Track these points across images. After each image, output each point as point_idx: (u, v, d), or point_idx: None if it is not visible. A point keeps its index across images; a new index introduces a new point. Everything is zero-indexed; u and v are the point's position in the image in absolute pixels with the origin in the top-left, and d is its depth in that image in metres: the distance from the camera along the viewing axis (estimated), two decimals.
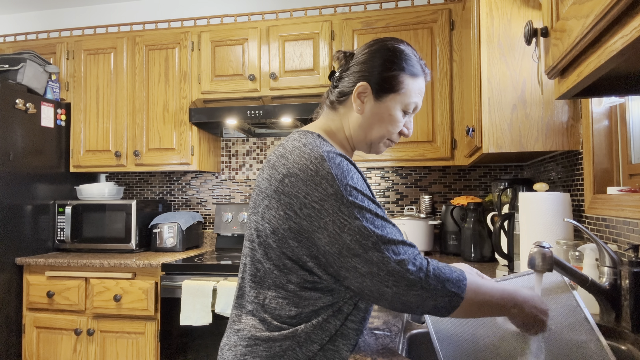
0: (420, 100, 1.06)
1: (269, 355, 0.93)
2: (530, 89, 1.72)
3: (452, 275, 0.86)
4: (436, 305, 0.86)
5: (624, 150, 1.48)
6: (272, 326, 0.94)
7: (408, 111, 1.04)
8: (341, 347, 0.95)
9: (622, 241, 1.34)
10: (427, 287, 0.84)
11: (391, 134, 1.05)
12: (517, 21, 1.74)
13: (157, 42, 2.90)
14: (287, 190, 0.91)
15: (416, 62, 1.05)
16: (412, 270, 0.84)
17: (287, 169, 0.92)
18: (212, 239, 3.17)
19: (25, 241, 2.68)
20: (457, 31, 2.53)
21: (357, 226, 0.86)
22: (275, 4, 3.14)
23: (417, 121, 2.56)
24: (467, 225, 2.40)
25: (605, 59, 0.67)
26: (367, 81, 1.02)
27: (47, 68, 2.88)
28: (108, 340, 2.50)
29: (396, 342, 1.06)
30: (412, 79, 1.03)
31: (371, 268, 0.85)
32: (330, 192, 0.88)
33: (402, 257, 0.85)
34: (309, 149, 0.93)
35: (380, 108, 1.02)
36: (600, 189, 1.52)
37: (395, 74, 1.02)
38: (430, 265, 0.86)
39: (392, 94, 1.02)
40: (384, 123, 1.03)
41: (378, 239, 0.85)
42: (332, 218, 0.87)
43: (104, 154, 2.96)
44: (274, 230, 0.93)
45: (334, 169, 0.89)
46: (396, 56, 1.03)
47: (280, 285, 0.94)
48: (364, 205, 0.88)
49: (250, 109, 2.64)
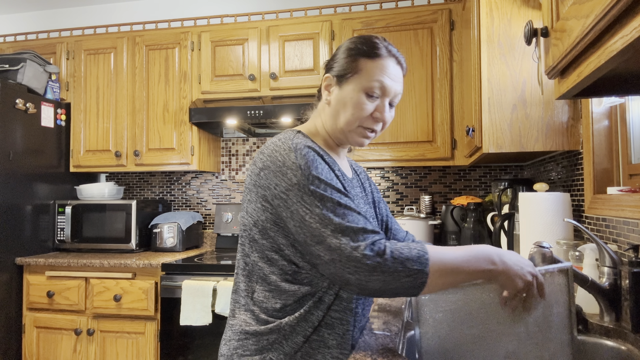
0: (390, 83, 1.02)
1: (258, 349, 0.97)
2: (530, 89, 1.72)
3: (411, 254, 0.86)
4: (402, 285, 0.86)
5: (624, 150, 1.48)
6: (260, 320, 0.98)
7: (372, 93, 1.01)
8: (326, 336, 0.96)
9: (622, 241, 1.34)
10: (386, 270, 0.85)
11: (360, 119, 1.02)
12: (517, 21, 1.74)
13: (157, 42, 2.90)
14: (262, 182, 0.97)
15: (378, 45, 1.03)
16: (369, 255, 0.85)
17: (262, 162, 0.98)
18: (212, 239, 3.17)
19: (25, 241, 2.68)
20: (457, 31, 2.53)
21: (318, 214, 0.89)
22: (275, 4, 3.14)
23: (417, 121, 2.56)
24: (467, 225, 2.40)
25: (606, 59, 0.67)
26: (330, 72, 1.07)
27: (47, 68, 2.88)
28: (108, 340, 2.50)
29: (396, 342, 1.06)
30: (371, 60, 1.01)
31: (332, 255, 0.87)
32: (294, 181, 0.92)
33: (359, 244, 0.86)
34: (281, 142, 0.98)
35: (343, 93, 1.03)
36: (600, 189, 1.52)
37: (352, 58, 1.03)
38: (388, 248, 0.86)
39: (350, 78, 1.02)
40: (347, 107, 1.02)
41: (336, 226, 0.87)
42: (296, 207, 0.91)
43: (104, 154, 2.96)
44: (255, 222, 0.99)
45: (298, 160, 0.93)
46: (353, 42, 1.04)
47: (264, 277, 0.99)
48: (326, 194, 0.90)
49: (251, 109, 2.65)
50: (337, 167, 1.02)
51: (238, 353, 0.99)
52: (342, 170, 1.07)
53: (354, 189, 1.10)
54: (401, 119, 2.58)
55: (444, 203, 2.88)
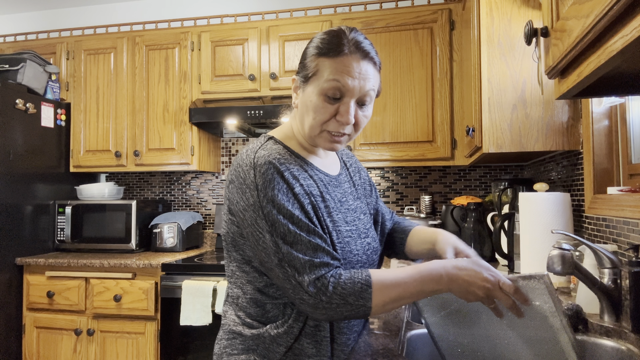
0: (351, 81, 0.91)
1: (244, 349, 0.98)
2: (531, 89, 1.72)
3: (354, 288, 0.86)
4: (347, 316, 0.87)
5: (624, 150, 1.48)
6: (246, 322, 0.99)
7: (330, 94, 0.92)
8: (305, 345, 0.96)
9: (622, 241, 1.34)
10: (329, 307, 0.86)
11: (320, 122, 0.94)
12: (517, 21, 1.74)
13: (157, 42, 2.90)
14: (229, 195, 0.96)
15: (340, 42, 0.92)
16: (312, 292, 0.85)
17: (230, 175, 0.97)
18: (212, 239, 3.17)
19: (25, 241, 2.68)
20: (457, 31, 2.52)
21: (269, 240, 0.89)
22: (275, 4, 3.14)
23: (417, 121, 2.56)
24: (467, 225, 2.39)
25: (606, 59, 0.67)
26: (297, 74, 1.00)
27: (47, 68, 2.88)
28: (108, 340, 2.50)
29: (396, 342, 1.06)
30: (329, 59, 0.92)
31: (282, 283, 0.89)
32: (250, 202, 0.91)
33: (304, 279, 0.86)
34: (245, 155, 0.95)
35: (304, 97, 0.97)
36: (601, 189, 1.52)
37: (312, 58, 0.95)
38: (331, 285, 0.85)
39: (311, 79, 0.95)
40: (309, 111, 0.95)
41: (284, 256, 0.87)
42: (251, 229, 0.91)
43: (104, 154, 2.96)
44: (227, 233, 1.00)
45: (257, 178, 0.90)
46: (315, 42, 0.96)
47: (242, 286, 1.00)
48: (278, 218, 0.88)
49: (250, 109, 2.65)
50: (306, 177, 0.96)
51: (227, 352, 1.00)
52: (323, 172, 1.03)
53: (340, 187, 1.06)
54: (401, 119, 2.58)
55: (444, 203, 2.87)
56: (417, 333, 1.21)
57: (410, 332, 1.20)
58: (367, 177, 1.22)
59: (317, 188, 0.98)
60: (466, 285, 0.86)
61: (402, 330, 1.17)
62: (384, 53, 2.60)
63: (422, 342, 1.21)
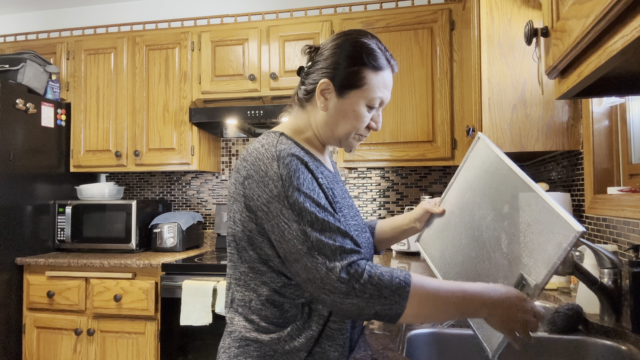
0: (387, 94, 1.02)
1: (260, 355, 0.94)
2: (531, 89, 1.72)
3: (392, 282, 0.83)
4: (377, 312, 0.83)
5: (624, 150, 1.48)
6: (260, 327, 0.95)
7: (373, 106, 1.01)
8: (327, 348, 0.94)
9: (623, 241, 1.34)
10: (362, 296, 0.82)
11: (358, 129, 1.02)
12: (517, 21, 1.74)
13: (157, 42, 2.90)
14: (247, 192, 0.93)
15: (380, 55, 1.00)
16: (344, 279, 0.82)
17: (247, 171, 0.94)
18: (212, 239, 3.17)
19: (25, 241, 2.68)
20: (457, 31, 2.52)
21: (295, 230, 0.86)
22: (276, 4, 3.14)
23: (417, 121, 2.56)
24: None
25: (606, 59, 0.67)
26: (330, 78, 1.00)
27: (47, 68, 2.88)
28: (108, 340, 2.50)
29: (396, 342, 1.06)
30: (375, 74, 0.99)
31: (309, 275, 0.85)
32: (275, 193, 0.88)
33: (335, 264, 0.83)
34: (264, 149, 0.94)
35: (344, 105, 0.99)
36: (601, 189, 1.52)
37: (357, 69, 0.98)
38: (366, 273, 0.83)
39: (354, 90, 0.98)
40: (348, 119, 1.00)
41: (313, 244, 0.85)
42: (277, 221, 0.88)
43: (104, 154, 2.96)
44: (242, 232, 0.95)
45: (281, 169, 0.89)
46: (358, 51, 0.99)
47: (256, 288, 0.96)
48: (305, 207, 0.87)
49: (251, 109, 2.65)
50: (322, 170, 1.00)
51: None
52: (328, 169, 1.06)
53: (338, 184, 1.08)
54: (401, 119, 2.58)
55: None
56: (417, 333, 1.21)
57: (410, 332, 1.20)
58: None
59: (328, 183, 0.99)
60: (508, 320, 0.85)
61: (402, 330, 1.17)
62: None
63: (422, 342, 1.21)
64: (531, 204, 0.89)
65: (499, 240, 0.95)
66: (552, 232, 0.83)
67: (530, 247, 0.87)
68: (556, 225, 0.83)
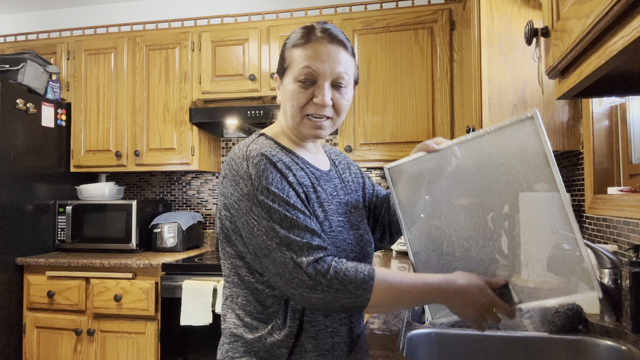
0: (320, 64, 0.96)
1: (246, 351, 0.98)
2: (531, 89, 1.72)
3: (357, 277, 0.87)
4: (343, 305, 0.87)
5: (625, 150, 1.48)
6: (246, 322, 0.99)
7: (303, 80, 0.97)
8: (303, 340, 0.97)
9: (623, 241, 1.34)
10: (328, 291, 0.86)
11: (301, 109, 0.98)
12: (517, 21, 1.74)
13: (158, 42, 2.90)
14: (224, 191, 0.98)
15: (302, 33, 0.99)
16: (311, 274, 0.86)
17: (224, 170, 0.99)
18: (213, 239, 3.17)
19: (25, 241, 2.68)
20: (457, 31, 2.53)
21: (264, 226, 0.89)
22: (276, 4, 3.14)
23: (417, 121, 2.56)
24: None
25: (606, 59, 0.67)
26: (277, 72, 1.07)
27: (47, 68, 2.88)
28: (108, 340, 2.51)
29: (396, 342, 1.06)
30: (296, 49, 0.99)
31: (277, 269, 0.89)
32: (245, 191, 0.92)
33: (302, 260, 0.86)
34: (237, 149, 0.98)
35: (283, 89, 1.03)
36: (601, 189, 1.52)
37: (282, 54, 1.03)
38: (332, 268, 0.87)
39: (286, 73, 1.02)
40: (287, 101, 1.00)
41: (281, 239, 0.88)
42: (246, 218, 0.92)
43: (105, 154, 2.96)
44: (222, 229, 1.01)
45: (250, 169, 0.92)
46: (289, 37, 1.04)
47: (238, 283, 1.00)
48: (273, 205, 0.89)
49: (251, 109, 2.65)
50: (299, 168, 0.99)
51: (229, 356, 1.00)
52: (314, 167, 1.05)
53: (331, 182, 1.07)
54: (401, 119, 2.58)
55: None
56: (417, 333, 1.21)
57: (410, 332, 1.20)
58: (358, 170, 1.23)
59: (309, 179, 1.00)
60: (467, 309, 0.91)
61: (402, 330, 1.17)
62: (384, 53, 2.60)
63: (422, 342, 1.21)
64: (566, 238, 0.88)
65: (502, 235, 0.95)
66: (571, 274, 0.85)
67: (536, 270, 0.89)
68: (577, 273, 0.84)
